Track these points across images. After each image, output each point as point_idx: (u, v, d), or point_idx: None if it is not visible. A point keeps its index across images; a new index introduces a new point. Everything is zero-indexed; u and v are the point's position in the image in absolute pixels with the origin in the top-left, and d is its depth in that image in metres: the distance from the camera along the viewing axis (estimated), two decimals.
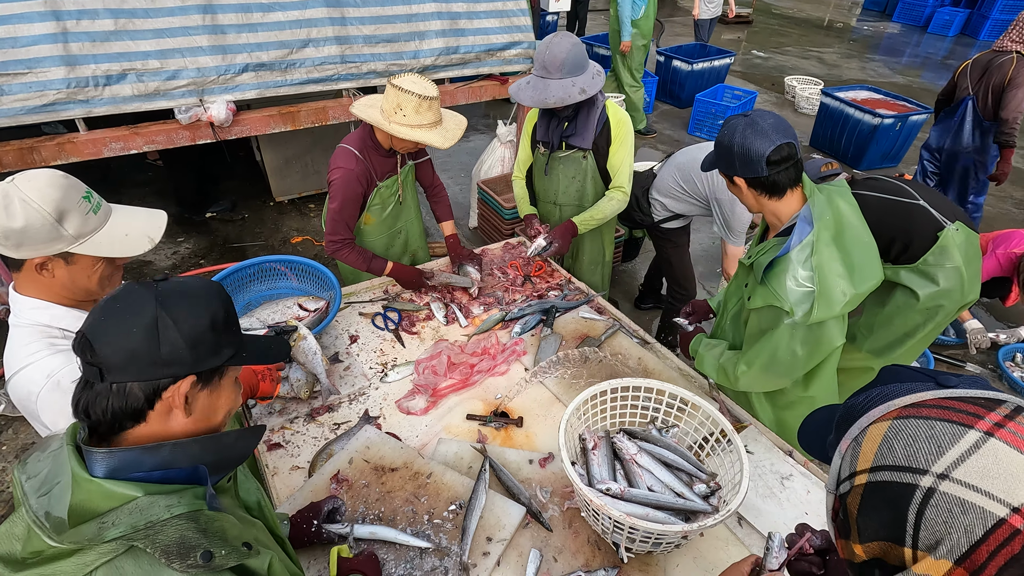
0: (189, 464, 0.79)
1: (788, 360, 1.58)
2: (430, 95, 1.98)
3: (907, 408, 0.61)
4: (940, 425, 0.58)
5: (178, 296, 0.79)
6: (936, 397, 0.61)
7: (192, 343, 0.78)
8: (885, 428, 0.60)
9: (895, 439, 0.59)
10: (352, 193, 2.15)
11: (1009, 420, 0.57)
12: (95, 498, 0.72)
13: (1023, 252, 3.14)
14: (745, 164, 1.49)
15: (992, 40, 11.13)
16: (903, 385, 0.65)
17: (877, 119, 5.48)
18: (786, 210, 1.58)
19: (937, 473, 0.55)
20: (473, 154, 5.57)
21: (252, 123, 3.17)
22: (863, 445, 0.62)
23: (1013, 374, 3.34)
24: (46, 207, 1.11)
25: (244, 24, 2.95)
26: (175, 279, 0.84)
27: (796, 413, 1.89)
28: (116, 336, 0.75)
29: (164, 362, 0.76)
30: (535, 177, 2.59)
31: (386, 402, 1.86)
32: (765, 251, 1.59)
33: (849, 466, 0.63)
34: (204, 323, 0.80)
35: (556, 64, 2.08)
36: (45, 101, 2.55)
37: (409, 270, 2.32)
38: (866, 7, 13.92)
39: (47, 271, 1.17)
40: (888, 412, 0.62)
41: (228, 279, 2.14)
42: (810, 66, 9.07)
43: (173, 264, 4.08)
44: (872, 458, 0.60)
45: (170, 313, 0.77)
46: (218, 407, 0.86)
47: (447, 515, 1.48)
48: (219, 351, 0.82)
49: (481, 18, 3.62)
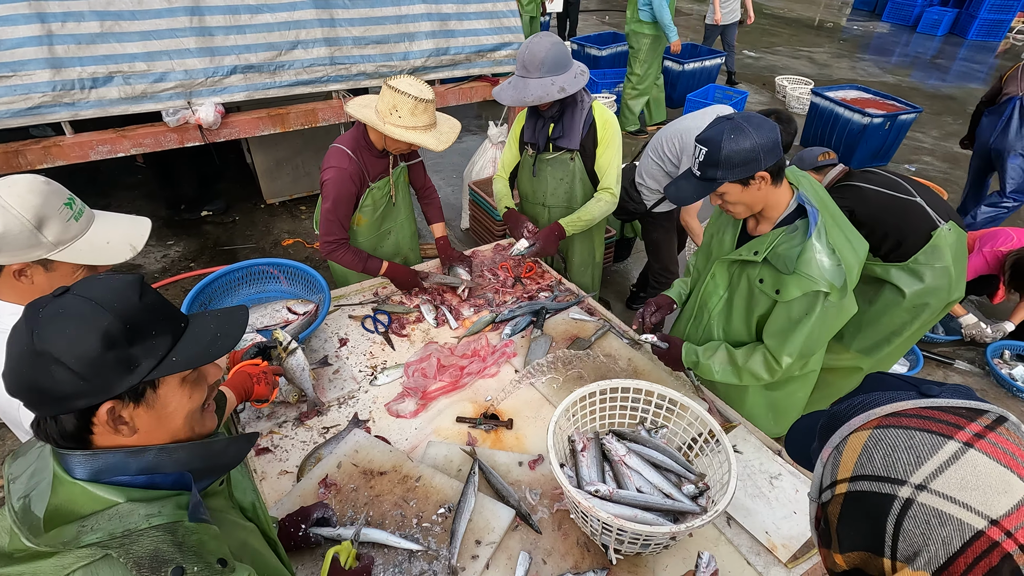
0: (175, 470, 0.78)
1: (823, 339, 1.65)
2: (426, 98, 1.98)
3: (888, 417, 0.60)
4: (920, 435, 0.57)
5: (56, 322, 0.70)
6: (917, 407, 0.60)
7: (86, 372, 0.70)
8: (865, 437, 0.60)
9: (875, 449, 0.59)
10: (346, 192, 2.14)
11: (990, 431, 0.57)
12: (77, 500, 0.71)
13: (1009, 250, 3.17)
14: (770, 153, 1.47)
15: (980, 40, 11.26)
16: (885, 394, 0.65)
17: (867, 118, 5.51)
18: (784, 198, 1.60)
19: (915, 484, 0.55)
20: (465, 155, 5.56)
21: (241, 125, 3.15)
22: (844, 454, 0.61)
23: (1001, 371, 3.37)
24: (25, 213, 1.10)
25: (232, 26, 2.94)
26: (65, 296, 0.73)
27: (789, 390, 1.94)
28: (14, 379, 0.71)
29: (66, 396, 0.70)
30: (523, 179, 2.59)
31: (375, 405, 1.86)
32: (779, 243, 1.58)
33: (830, 475, 0.63)
34: (93, 346, 0.70)
35: (536, 63, 2.09)
36: (30, 104, 2.53)
37: (404, 270, 2.31)
38: (856, 7, 14.01)
39: (26, 277, 1.15)
40: (869, 421, 0.61)
41: (217, 283, 2.13)
42: (800, 66, 9.11)
43: (163, 267, 4.06)
44: (852, 467, 0.60)
45: (48, 346, 0.69)
46: (169, 414, 0.79)
47: (436, 518, 1.47)
48: (132, 367, 0.73)
49: (471, 19, 3.62)
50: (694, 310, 1.98)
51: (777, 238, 1.59)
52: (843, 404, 0.68)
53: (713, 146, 1.47)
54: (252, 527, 0.94)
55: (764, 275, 1.64)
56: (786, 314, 1.61)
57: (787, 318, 1.62)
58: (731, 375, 1.77)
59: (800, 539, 1.49)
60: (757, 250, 1.63)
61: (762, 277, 1.64)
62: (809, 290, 1.53)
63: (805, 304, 1.57)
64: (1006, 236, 3.29)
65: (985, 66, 9.76)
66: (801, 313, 1.58)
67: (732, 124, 1.47)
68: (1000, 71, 4.83)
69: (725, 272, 1.81)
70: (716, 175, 1.50)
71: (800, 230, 1.56)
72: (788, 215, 1.60)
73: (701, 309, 1.93)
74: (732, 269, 1.78)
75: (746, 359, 1.73)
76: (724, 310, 1.85)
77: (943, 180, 5.49)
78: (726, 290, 1.82)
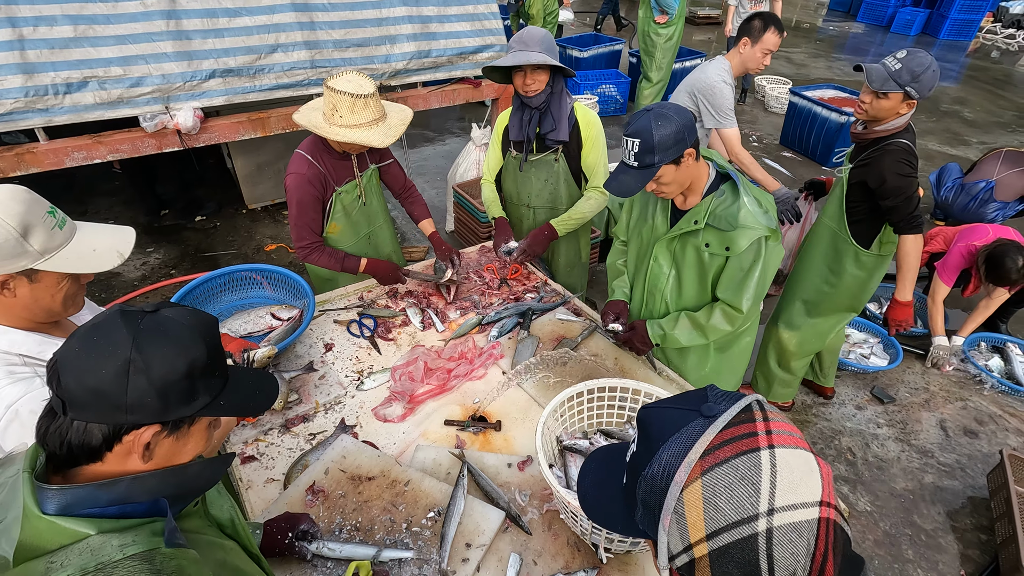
0: (148, 499, 0.76)
1: (768, 280, 1.80)
2: (364, 92, 1.93)
3: (705, 459, 0.59)
4: (737, 461, 0.57)
5: (158, 337, 0.74)
6: (716, 434, 0.60)
7: (162, 391, 0.73)
8: (700, 489, 0.58)
9: (715, 497, 0.57)
10: (307, 196, 2.11)
11: (769, 422, 0.60)
12: (44, 535, 0.68)
13: (983, 244, 3.26)
14: (691, 131, 1.64)
15: (952, 39, 11.53)
16: (678, 432, 0.62)
17: (844, 117, 5.61)
18: (704, 170, 1.78)
19: (765, 511, 0.55)
20: (448, 157, 5.55)
21: (221, 130, 3.12)
22: (687, 515, 0.59)
23: (978, 363, 3.44)
24: (10, 221, 1.06)
25: (210, 29, 2.90)
26: (164, 314, 0.78)
27: (741, 346, 2.10)
28: (84, 372, 0.71)
29: (128, 408, 0.72)
30: (507, 180, 2.59)
31: (362, 410, 1.84)
32: (714, 207, 1.75)
33: (680, 540, 0.60)
34: (180, 370, 0.74)
35: (534, 40, 2.12)
36: (2, 111, 2.48)
37: (384, 264, 2.29)
38: (831, 8, 14.26)
39: (8, 290, 1.12)
40: (691, 472, 0.59)
41: (198, 290, 2.09)
42: (779, 66, 9.25)
43: (143, 275, 3.99)
44: (703, 525, 0.58)
45: (144, 356, 0.72)
46: (183, 452, 0.81)
47: (426, 522, 1.47)
48: (192, 400, 0.77)
49: (452, 22, 3.62)
50: (643, 297, 2.08)
51: (711, 204, 1.76)
52: (640, 456, 0.66)
53: (645, 135, 1.60)
54: (231, 544, 0.91)
55: (709, 239, 1.79)
56: (738, 265, 1.77)
57: (739, 268, 1.77)
58: (697, 337, 1.92)
59: None
60: (696, 219, 1.78)
61: (707, 242, 1.80)
62: (754, 239, 1.71)
63: (752, 252, 1.74)
64: (982, 232, 3.38)
65: (957, 65, 10.00)
66: (750, 261, 1.75)
67: (655, 113, 1.61)
68: (971, 70, 5.01)
69: (666, 251, 1.92)
70: (654, 160, 1.62)
71: (728, 192, 1.76)
72: (711, 184, 1.79)
73: (651, 294, 2.04)
74: (673, 246, 1.90)
75: (707, 318, 1.88)
76: (675, 286, 1.96)
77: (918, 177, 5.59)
78: (671, 267, 1.94)
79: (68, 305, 1.22)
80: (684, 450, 0.61)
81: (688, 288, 1.93)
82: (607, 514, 0.74)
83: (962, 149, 6.64)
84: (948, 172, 4.80)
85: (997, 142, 6.83)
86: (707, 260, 1.82)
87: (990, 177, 4.46)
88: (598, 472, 0.79)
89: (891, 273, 2.56)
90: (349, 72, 1.99)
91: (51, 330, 1.24)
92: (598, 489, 0.77)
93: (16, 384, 1.11)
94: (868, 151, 2.34)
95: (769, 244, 1.73)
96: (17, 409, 1.10)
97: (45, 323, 1.22)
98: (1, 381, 1.11)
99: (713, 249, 1.79)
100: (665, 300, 2.00)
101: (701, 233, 1.80)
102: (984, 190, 4.43)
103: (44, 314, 1.19)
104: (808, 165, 6.09)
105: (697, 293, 1.93)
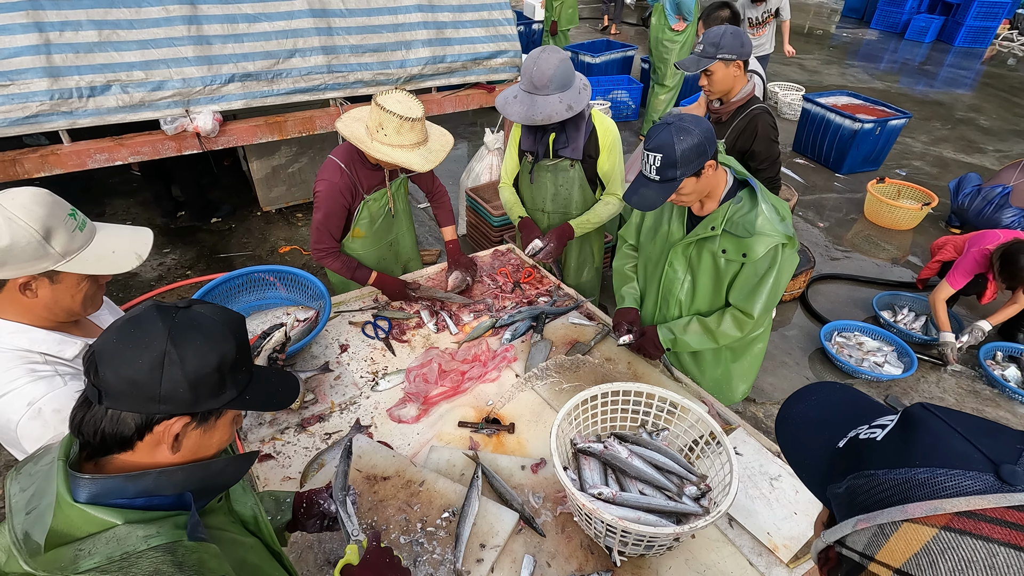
0: (174, 492, 0.78)
1: (782, 287, 1.80)
2: (413, 116, 1.94)
3: (961, 518, 0.48)
4: (1004, 554, 0.46)
5: (192, 332, 0.77)
6: (999, 506, 0.47)
7: (194, 384, 0.76)
8: (929, 537, 0.48)
9: (941, 559, 0.47)
10: (336, 206, 2.15)
11: None
12: (75, 523, 0.71)
13: (995, 247, 3.24)
14: (711, 142, 1.64)
15: (967, 46, 11.42)
16: (952, 473, 0.51)
17: (857, 124, 5.59)
18: (723, 178, 1.79)
19: None
20: (461, 161, 5.58)
21: (238, 133, 3.16)
22: (892, 539, 0.51)
23: (994, 372, 3.40)
24: (33, 224, 1.09)
25: (230, 35, 2.95)
26: (196, 310, 0.81)
27: (753, 352, 2.10)
28: (122, 363, 0.74)
29: (161, 399, 0.75)
30: (522, 185, 2.61)
31: (377, 411, 1.86)
32: (731, 214, 1.76)
33: (864, 544, 0.53)
34: (211, 364, 0.78)
35: (544, 80, 2.08)
36: (28, 113, 2.53)
37: (393, 281, 2.30)
38: (845, 14, 14.18)
39: (30, 291, 1.14)
40: (934, 516, 0.49)
41: (217, 290, 2.13)
42: (791, 72, 9.22)
43: (159, 275, 4.04)
44: (902, 561, 0.50)
45: (179, 349, 0.75)
46: (210, 444, 0.84)
47: (440, 523, 1.48)
48: (220, 393, 0.80)
49: (467, 27, 3.64)
50: (658, 302, 2.08)
51: (728, 211, 1.77)
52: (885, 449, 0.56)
53: (667, 150, 1.60)
54: (253, 541, 0.93)
55: (725, 245, 1.80)
56: (753, 271, 1.78)
57: (754, 274, 1.78)
58: (708, 340, 1.93)
59: (801, 539, 1.51)
60: (713, 225, 1.79)
61: (724, 248, 1.80)
62: (771, 245, 1.72)
63: (769, 259, 1.75)
64: (993, 236, 3.35)
65: (972, 72, 9.91)
66: (765, 267, 1.76)
67: (676, 127, 1.61)
68: (987, 77, 5.03)
69: (682, 256, 1.93)
70: (676, 174, 1.62)
71: (746, 199, 1.76)
72: (728, 191, 1.79)
73: (665, 300, 2.05)
74: (689, 251, 1.90)
75: (718, 323, 1.90)
76: (690, 292, 1.97)
77: (933, 185, 5.55)
78: (686, 272, 1.94)
79: (87, 305, 1.24)
80: (941, 491, 0.50)
81: (702, 293, 1.94)
82: (802, 453, 0.66)
83: (978, 157, 6.58)
84: (968, 180, 4.81)
85: (1013, 150, 6.77)
86: (723, 266, 1.83)
87: (1007, 183, 4.44)
88: (822, 409, 0.69)
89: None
90: (398, 92, 1.99)
91: (71, 329, 1.26)
92: (809, 427, 0.68)
93: (37, 382, 1.14)
94: (735, 121, 2.55)
95: (786, 251, 1.75)
96: (40, 407, 1.12)
97: (65, 322, 1.24)
98: (23, 378, 1.13)
99: (730, 255, 1.80)
100: (680, 305, 2.01)
101: (718, 239, 1.80)
102: (1000, 195, 4.41)
103: (64, 314, 1.22)
104: (821, 172, 6.06)
105: (711, 299, 1.94)
